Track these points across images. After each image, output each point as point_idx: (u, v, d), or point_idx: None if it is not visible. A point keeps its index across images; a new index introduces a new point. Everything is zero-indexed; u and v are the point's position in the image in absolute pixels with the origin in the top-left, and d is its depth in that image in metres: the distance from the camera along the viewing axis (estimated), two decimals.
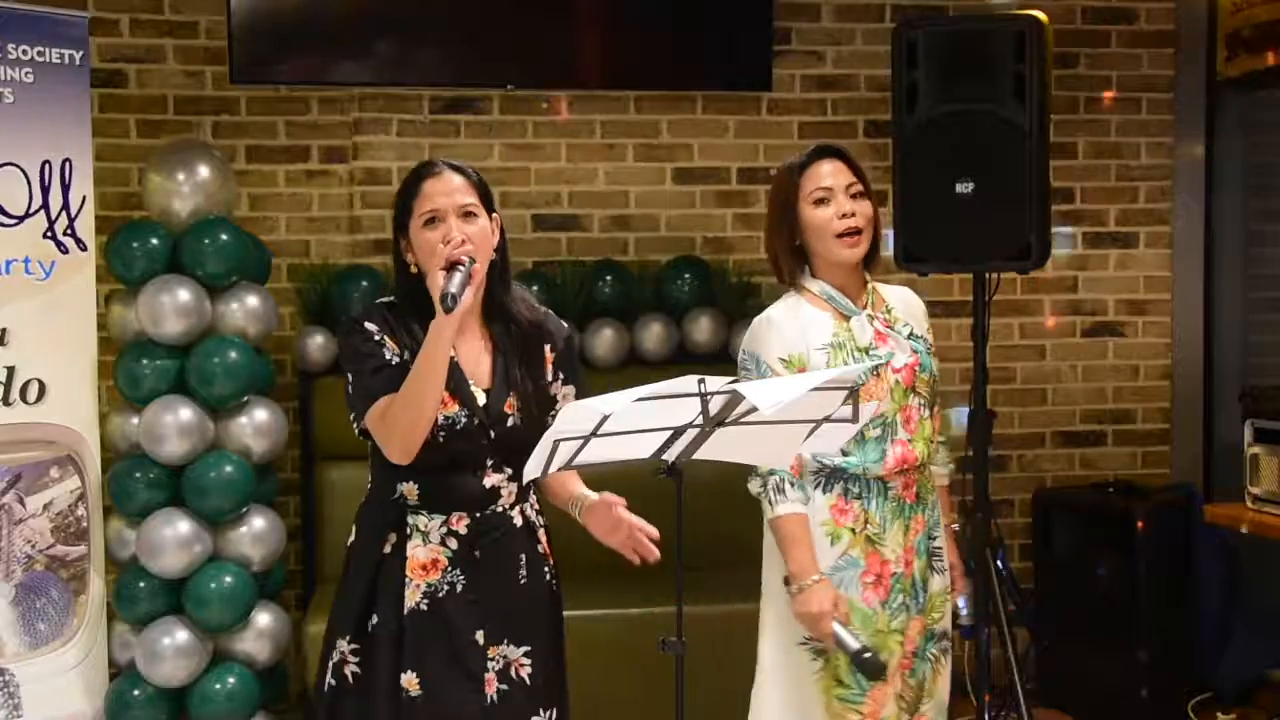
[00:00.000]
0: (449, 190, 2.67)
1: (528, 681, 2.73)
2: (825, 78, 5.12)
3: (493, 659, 2.70)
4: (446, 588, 2.69)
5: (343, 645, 2.71)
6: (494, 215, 2.73)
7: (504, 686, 2.71)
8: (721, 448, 2.64)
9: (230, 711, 4.07)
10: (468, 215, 2.67)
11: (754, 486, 3.01)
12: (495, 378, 2.72)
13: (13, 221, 3.96)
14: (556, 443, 2.41)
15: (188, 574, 4.06)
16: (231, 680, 4.08)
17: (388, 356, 2.66)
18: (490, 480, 2.71)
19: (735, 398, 2.46)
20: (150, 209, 4.24)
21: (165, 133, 4.75)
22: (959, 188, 3.76)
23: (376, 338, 2.67)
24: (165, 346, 4.12)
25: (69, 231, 4.05)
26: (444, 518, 2.69)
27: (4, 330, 3.95)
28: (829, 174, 3.02)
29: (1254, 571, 4.92)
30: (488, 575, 2.71)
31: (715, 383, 2.45)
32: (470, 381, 2.69)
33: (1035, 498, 5.08)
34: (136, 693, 4.07)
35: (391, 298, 2.77)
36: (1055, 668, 4.75)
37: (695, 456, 2.65)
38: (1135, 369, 5.34)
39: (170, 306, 4.07)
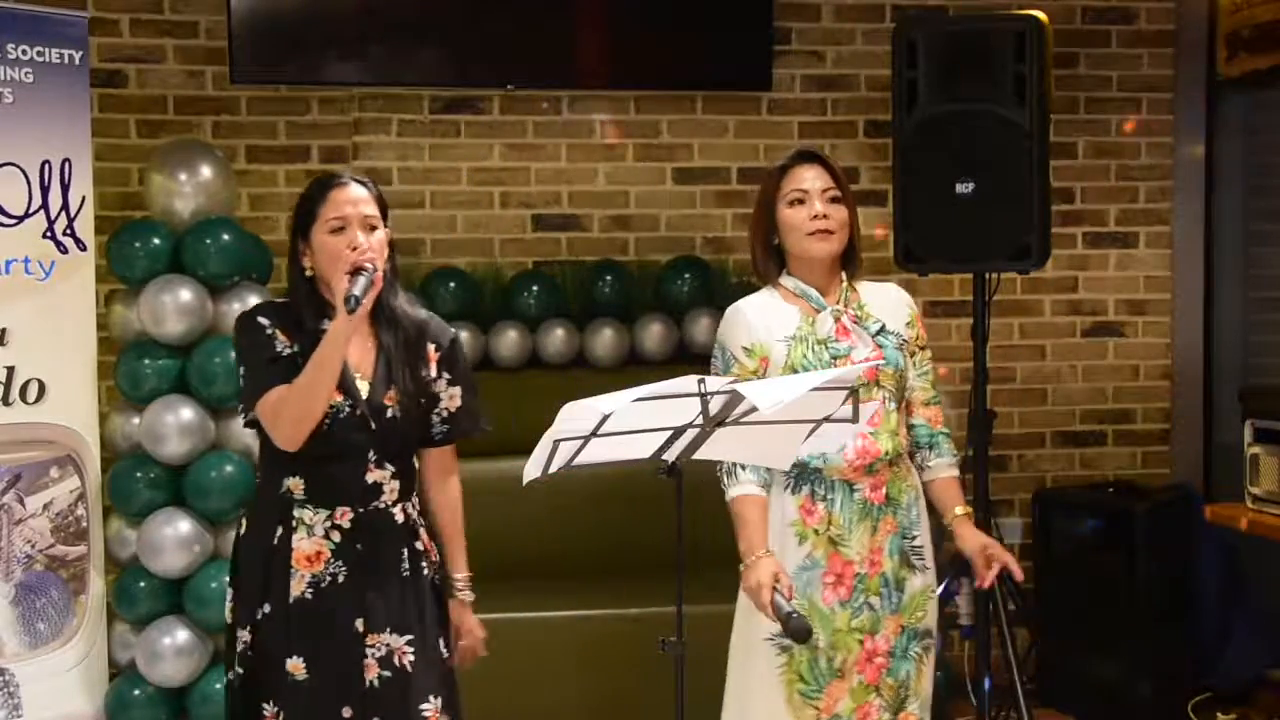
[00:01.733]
0: (355, 200, 2.86)
1: (409, 669, 2.86)
2: (825, 78, 5.12)
3: (373, 646, 2.84)
4: (329, 578, 2.83)
5: (244, 635, 2.87)
6: (388, 228, 2.89)
7: (386, 673, 2.85)
8: (721, 448, 2.65)
9: None
10: (370, 227, 2.84)
11: (718, 468, 3.06)
12: (377, 373, 2.86)
13: (12, 221, 3.96)
14: (556, 443, 2.42)
15: (188, 574, 4.06)
16: None
17: (279, 349, 2.82)
18: (372, 476, 2.85)
19: (735, 398, 2.46)
20: (152, 209, 4.23)
21: (165, 133, 4.74)
22: (959, 188, 3.77)
23: (268, 331, 2.84)
24: (166, 346, 4.12)
25: (69, 231, 4.06)
26: (329, 512, 2.84)
27: (4, 330, 3.94)
28: (807, 177, 3.09)
29: (1254, 571, 4.92)
30: (369, 567, 2.85)
31: (715, 383, 2.46)
32: (356, 375, 2.84)
33: (1035, 498, 5.07)
34: (136, 693, 4.07)
35: (283, 298, 2.93)
36: (1055, 668, 4.75)
37: (695, 456, 2.65)
38: (1135, 369, 5.33)
39: (172, 306, 4.07)
